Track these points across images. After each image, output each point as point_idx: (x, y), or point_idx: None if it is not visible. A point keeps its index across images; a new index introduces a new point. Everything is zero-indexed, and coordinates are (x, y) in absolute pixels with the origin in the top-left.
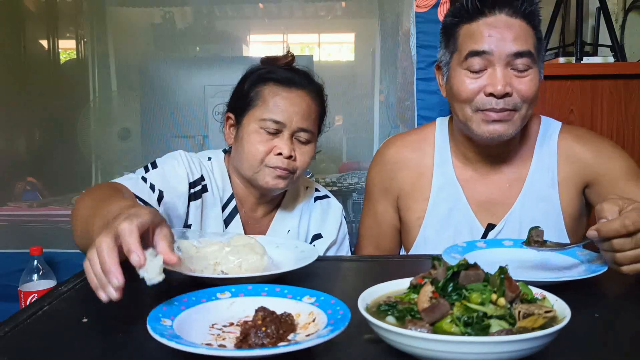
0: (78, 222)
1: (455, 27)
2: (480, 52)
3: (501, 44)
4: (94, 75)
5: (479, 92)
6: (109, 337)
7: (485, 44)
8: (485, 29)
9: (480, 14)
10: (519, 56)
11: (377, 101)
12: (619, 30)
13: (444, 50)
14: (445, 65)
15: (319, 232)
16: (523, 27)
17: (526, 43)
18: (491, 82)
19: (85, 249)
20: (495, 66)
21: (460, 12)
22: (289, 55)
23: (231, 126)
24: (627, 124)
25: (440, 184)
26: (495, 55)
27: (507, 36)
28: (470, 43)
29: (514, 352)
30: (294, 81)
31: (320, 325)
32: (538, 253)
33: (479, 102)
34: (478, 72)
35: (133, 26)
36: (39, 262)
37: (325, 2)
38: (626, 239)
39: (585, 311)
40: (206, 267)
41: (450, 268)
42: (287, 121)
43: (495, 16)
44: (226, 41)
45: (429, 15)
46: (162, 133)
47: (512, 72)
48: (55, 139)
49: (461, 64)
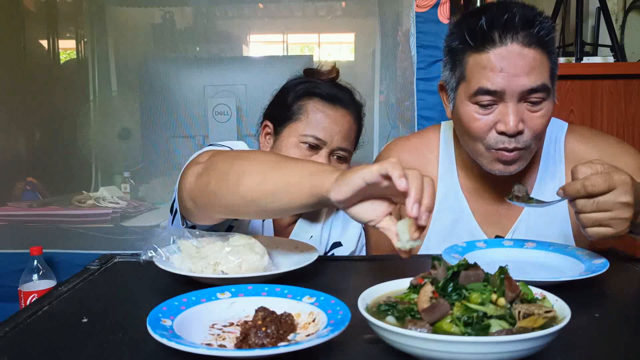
0: (228, 177)
1: (462, 53)
2: (492, 91)
3: (514, 80)
4: (94, 75)
5: (490, 130)
6: (109, 337)
7: (497, 81)
8: (496, 62)
9: (490, 44)
10: (533, 92)
11: (377, 101)
12: (619, 30)
13: (449, 73)
14: (451, 91)
15: (339, 241)
16: (538, 58)
17: (541, 76)
18: (503, 120)
19: (208, 206)
20: (507, 102)
21: (467, 37)
22: (333, 70)
23: (267, 134)
24: (627, 124)
25: (443, 194)
26: (507, 93)
27: (521, 70)
28: (480, 78)
29: (514, 352)
30: (338, 99)
31: (320, 326)
32: (538, 253)
33: (491, 140)
34: (488, 107)
35: (133, 26)
36: (39, 262)
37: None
38: (587, 200)
39: (585, 311)
40: (206, 267)
41: (450, 268)
42: (328, 139)
43: (507, 46)
44: (226, 41)
45: (429, 15)
46: (162, 133)
47: (525, 105)
48: (55, 139)
49: (470, 97)
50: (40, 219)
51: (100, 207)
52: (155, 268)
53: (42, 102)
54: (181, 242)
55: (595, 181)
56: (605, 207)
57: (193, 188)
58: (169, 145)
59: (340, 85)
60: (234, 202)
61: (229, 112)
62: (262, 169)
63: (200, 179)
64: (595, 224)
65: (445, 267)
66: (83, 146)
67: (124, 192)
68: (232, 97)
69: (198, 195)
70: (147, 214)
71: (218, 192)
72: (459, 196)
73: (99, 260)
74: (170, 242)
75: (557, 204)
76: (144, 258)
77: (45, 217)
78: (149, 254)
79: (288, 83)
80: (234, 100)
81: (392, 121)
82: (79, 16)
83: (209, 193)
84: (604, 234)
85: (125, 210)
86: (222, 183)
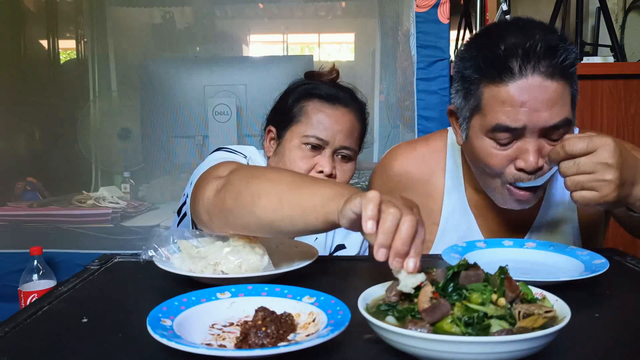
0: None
1: (476, 83)
2: (512, 129)
3: (535, 115)
4: (94, 75)
5: (508, 165)
6: (109, 337)
7: (519, 119)
8: (516, 96)
9: (509, 75)
10: (556, 128)
11: (377, 101)
12: (619, 30)
13: (461, 100)
14: (463, 120)
15: (342, 243)
16: (560, 90)
17: (564, 110)
18: (522, 157)
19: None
20: (527, 138)
21: (483, 67)
22: (333, 71)
23: (272, 139)
24: (627, 124)
25: (451, 210)
26: (528, 129)
27: (543, 105)
28: (498, 113)
29: (514, 352)
30: (338, 98)
31: (320, 326)
32: (538, 253)
33: (509, 177)
34: (507, 144)
35: (133, 26)
36: (39, 262)
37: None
38: (569, 162)
39: (585, 311)
40: (206, 267)
41: (451, 268)
42: (330, 139)
43: (527, 79)
44: (226, 41)
45: (429, 15)
46: (162, 133)
47: (545, 141)
48: (55, 139)
49: (486, 132)
50: (40, 219)
51: (100, 207)
52: (155, 268)
53: (42, 102)
54: (181, 242)
55: (573, 141)
56: (587, 168)
57: (211, 203)
58: (168, 145)
59: (340, 85)
60: (249, 223)
61: (229, 112)
62: (279, 190)
63: (218, 195)
64: (578, 186)
65: (445, 267)
66: (83, 146)
67: (124, 192)
68: (232, 97)
69: (215, 212)
70: (147, 213)
71: (235, 212)
72: (467, 211)
73: (99, 260)
74: (170, 242)
75: (570, 220)
76: (144, 258)
77: (45, 217)
78: (149, 254)
79: (289, 87)
80: (234, 100)
81: (392, 121)
82: (79, 16)
83: (226, 211)
84: (588, 198)
85: (125, 210)
86: (238, 203)
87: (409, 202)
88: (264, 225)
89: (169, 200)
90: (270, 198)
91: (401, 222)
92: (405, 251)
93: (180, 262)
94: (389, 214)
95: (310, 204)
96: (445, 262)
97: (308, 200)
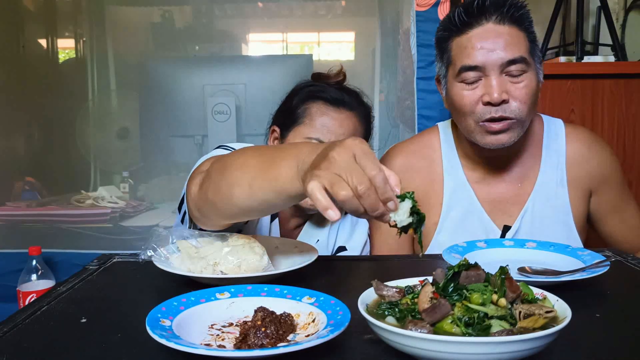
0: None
1: (446, 40)
2: (473, 67)
3: (492, 54)
4: (93, 74)
5: (477, 103)
6: (108, 337)
7: (477, 58)
8: (475, 41)
9: (468, 26)
10: (512, 63)
11: (377, 100)
12: (620, 30)
13: (440, 63)
14: (443, 79)
15: (344, 245)
16: (513, 33)
17: (518, 49)
18: (487, 92)
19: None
20: (490, 76)
21: (449, 25)
22: (340, 73)
23: (275, 139)
24: (628, 123)
25: (452, 188)
26: (487, 66)
27: (498, 45)
28: (462, 57)
29: (515, 353)
30: (343, 101)
31: (320, 326)
32: (538, 253)
33: (479, 113)
34: (473, 83)
35: (132, 25)
36: (38, 262)
37: (325, 1)
38: None
39: (586, 311)
40: (205, 267)
41: (451, 268)
42: None
43: (483, 26)
44: (225, 40)
45: (429, 14)
46: (161, 132)
47: (507, 78)
48: (54, 139)
49: (456, 77)
50: (39, 218)
51: (99, 207)
52: (155, 268)
53: (41, 102)
54: (180, 242)
55: None
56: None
57: (196, 198)
58: (168, 144)
59: (346, 88)
60: (234, 212)
61: (228, 111)
62: (248, 178)
63: (201, 189)
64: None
65: (445, 267)
66: (82, 146)
67: (123, 191)
68: (232, 96)
69: (201, 205)
70: (146, 213)
71: (218, 204)
72: (466, 188)
73: (97, 260)
74: (169, 242)
75: (562, 199)
76: (143, 258)
77: (44, 217)
78: (148, 253)
79: (295, 87)
80: (233, 100)
81: (393, 120)
82: (77, 15)
83: (209, 203)
84: None
85: (124, 210)
86: (217, 195)
87: (341, 155)
88: (248, 212)
89: (168, 200)
90: (242, 187)
91: (359, 191)
92: (380, 206)
93: (179, 262)
94: (344, 197)
95: (278, 186)
96: (446, 262)
97: (276, 183)
